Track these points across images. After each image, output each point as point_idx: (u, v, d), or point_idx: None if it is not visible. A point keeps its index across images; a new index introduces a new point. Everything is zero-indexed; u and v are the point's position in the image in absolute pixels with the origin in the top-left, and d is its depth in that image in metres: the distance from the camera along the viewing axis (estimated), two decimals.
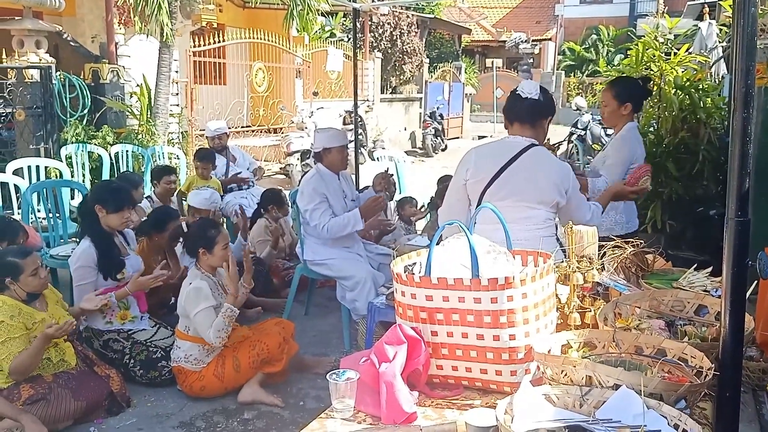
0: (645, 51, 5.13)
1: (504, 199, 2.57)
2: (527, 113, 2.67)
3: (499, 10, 29.90)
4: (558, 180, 2.63)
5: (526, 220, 2.58)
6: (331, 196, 4.29)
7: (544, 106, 2.68)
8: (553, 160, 2.72)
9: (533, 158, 2.62)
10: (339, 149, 4.34)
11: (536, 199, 2.62)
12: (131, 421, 3.32)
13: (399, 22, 15.99)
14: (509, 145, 2.67)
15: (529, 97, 2.63)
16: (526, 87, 2.66)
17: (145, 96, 8.05)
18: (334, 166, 4.36)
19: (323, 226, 4.22)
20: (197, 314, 3.39)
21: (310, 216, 4.28)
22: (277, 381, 3.67)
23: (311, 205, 4.25)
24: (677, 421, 1.33)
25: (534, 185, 2.61)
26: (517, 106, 2.67)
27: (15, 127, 7.05)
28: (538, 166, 2.62)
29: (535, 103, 2.64)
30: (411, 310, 1.77)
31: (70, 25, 9.44)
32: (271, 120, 12.09)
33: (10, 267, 3.11)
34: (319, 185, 4.27)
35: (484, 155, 2.70)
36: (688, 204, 4.84)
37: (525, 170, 2.60)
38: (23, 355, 3.03)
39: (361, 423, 1.65)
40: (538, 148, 2.67)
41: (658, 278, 2.20)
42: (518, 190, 2.59)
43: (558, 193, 2.62)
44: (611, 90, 3.53)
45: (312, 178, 4.35)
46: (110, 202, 3.77)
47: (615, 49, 24.88)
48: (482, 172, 2.64)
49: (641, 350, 1.67)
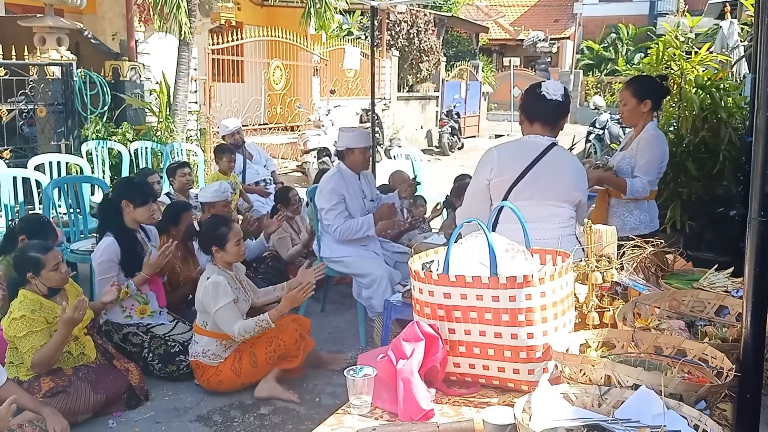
0: (665, 50, 5.08)
1: (530, 198, 2.57)
2: (552, 114, 2.68)
3: (517, 9, 29.73)
4: (579, 179, 2.69)
5: (551, 218, 2.60)
6: (349, 196, 4.30)
7: (565, 107, 2.69)
8: (573, 159, 2.76)
9: (556, 157, 2.65)
10: (362, 150, 4.33)
11: (561, 198, 2.65)
12: (149, 414, 3.36)
13: (416, 20, 15.96)
14: (533, 144, 2.67)
15: (555, 98, 2.62)
16: (551, 87, 2.64)
17: (164, 93, 8.11)
18: (355, 166, 4.37)
19: (336, 228, 4.25)
20: (219, 311, 3.41)
21: (325, 215, 4.30)
22: (293, 377, 3.68)
23: (328, 205, 4.27)
24: (697, 421, 1.32)
25: (558, 184, 2.64)
26: (542, 107, 2.66)
27: (36, 124, 7.13)
28: (561, 165, 2.65)
29: (559, 104, 2.65)
30: (429, 307, 1.77)
31: (91, 22, 9.53)
32: (288, 118, 12.13)
33: (31, 262, 3.15)
34: (339, 185, 4.28)
35: (507, 154, 2.69)
36: (708, 204, 4.79)
37: (549, 169, 2.61)
38: (46, 347, 3.08)
39: (378, 419, 1.66)
40: (560, 147, 2.70)
41: (678, 278, 2.19)
42: (543, 189, 2.61)
43: (580, 190, 2.68)
44: (630, 88, 3.51)
45: (332, 177, 4.36)
46: (137, 197, 3.81)
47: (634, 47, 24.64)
48: (507, 172, 2.63)
49: (661, 350, 1.65)
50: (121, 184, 4.09)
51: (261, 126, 11.71)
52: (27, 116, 6.98)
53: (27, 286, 3.18)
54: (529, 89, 2.76)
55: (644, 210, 3.51)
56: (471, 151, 15.92)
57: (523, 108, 2.74)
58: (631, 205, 3.46)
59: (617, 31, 26.08)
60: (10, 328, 3.08)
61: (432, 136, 16.39)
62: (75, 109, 7.25)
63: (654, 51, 5.19)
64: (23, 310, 3.08)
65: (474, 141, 17.68)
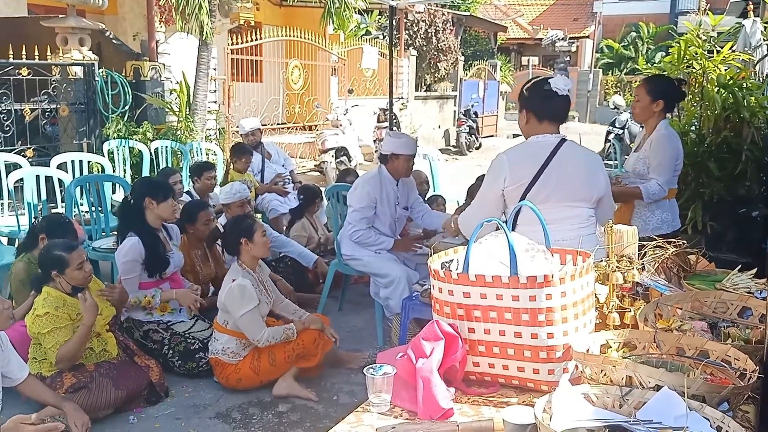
0: (687, 48, 5.02)
1: (545, 201, 2.48)
2: (563, 110, 2.58)
3: (536, 8, 29.57)
4: (594, 175, 2.59)
5: (570, 219, 2.51)
6: (381, 202, 4.29)
7: (569, 100, 2.61)
8: (585, 154, 2.65)
9: (567, 154, 2.55)
10: (407, 158, 4.30)
11: (575, 198, 2.56)
12: (169, 410, 3.40)
13: (434, 20, 15.94)
14: (541, 145, 2.57)
15: (564, 94, 2.53)
16: (559, 83, 2.53)
17: (184, 93, 8.18)
18: (397, 172, 4.34)
19: (355, 230, 4.26)
20: (243, 316, 3.44)
21: (351, 215, 4.31)
22: (312, 375, 3.70)
23: (357, 205, 4.28)
24: (720, 423, 1.31)
25: (570, 184, 2.54)
26: (553, 104, 2.55)
27: (59, 123, 7.23)
28: (571, 164, 2.55)
29: (567, 99, 2.56)
30: (448, 306, 1.78)
31: (113, 23, 9.65)
32: (307, 117, 12.18)
33: (56, 260, 3.20)
34: (374, 189, 4.27)
35: (518, 160, 2.59)
36: (729, 205, 4.73)
37: (560, 170, 2.52)
38: (71, 341, 3.13)
39: (397, 417, 1.66)
40: (570, 143, 2.59)
41: (700, 279, 2.17)
42: (557, 190, 2.52)
43: (596, 188, 2.58)
44: (645, 86, 3.51)
45: (371, 178, 4.34)
46: (159, 193, 3.85)
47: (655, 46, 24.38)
48: (520, 178, 2.54)
49: (683, 351, 1.64)
50: (141, 183, 4.14)
51: (279, 125, 11.76)
52: (50, 115, 7.07)
53: (51, 284, 3.22)
54: (533, 86, 2.59)
55: (665, 209, 3.48)
56: (489, 151, 15.86)
57: (529, 106, 2.59)
58: (653, 205, 3.44)
59: (637, 29, 25.83)
60: (34, 325, 3.13)
61: (449, 136, 16.35)
62: (97, 109, 7.34)
63: (675, 50, 5.14)
64: (47, 307, 3.13)
65: (492, 140, 17.62)
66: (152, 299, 3.74)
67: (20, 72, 6.44)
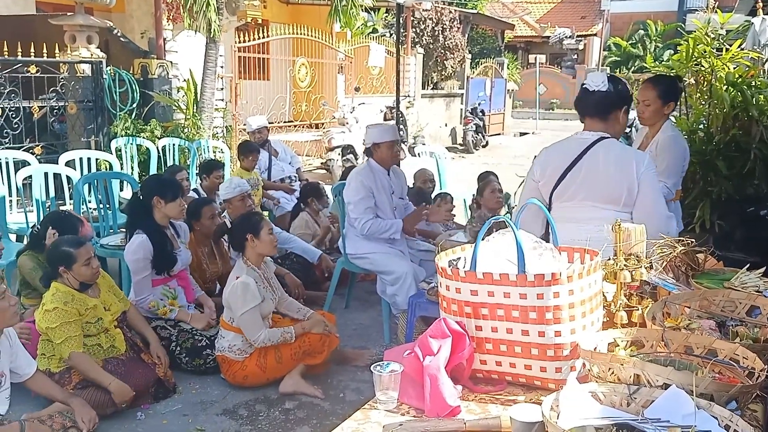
0: (695, 46, 5.00)
1: (571, 199, 2.46)
2: (595, 107, 2.56)
3: (543, 5, 29.50)
4: (626, 176, 2.45)
5: (595, 220, 2.38)
6: (377, 191, 4.31)
7: (615, 97, 2.53)
8: (622, 154, 2.53)
9: (601, 153, 2.48)
10: (389, 144, 4.34)
11: (600, 199, 2.48)
12: (177, 407, 3.41)
13: (441, 18, 15.91)
14: (577, 141, 2.55)
15: (597, 90, 2.50)
16: (592, 79, 2.52)
17: (191, 91, 8.20)
18: (384, 161, 4.38)
19: (365, 222, 4.25)
20: (244, 315, 3.46)
21: (353, 209, 4.31)
22: (318, 372, 3.71)
23: (356, 198, 4.28)
24: (728, 422, 1.30)
25: (596, 184, 2.47)
26: (585, 100, 2.55)
27: (67, 120, 7.26)
28: (602, 163, 2.47)
29: (605, 95, 2.51)
30: (455, 304, 1.77)
31: (120, 20, 9.67)
32: (313, 115, 12.18)
33: (64, 256, 3.22)
34: (367, 178, 4.30)
35: (553, 154, 2.58)
36: (738, 203, 4.71)
37: (589, 168, 2.46)
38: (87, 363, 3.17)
39: (404, 415, 1.66)
40: (608, 142, 2.52)
41: (708, 278, 2.16)
42: (582, 189, 2.47)
43: (627, 190, 2.45)
44: (656, 88, 3.35)
45: (362, 170, 4.38)
46: (167, 192, 3.87)
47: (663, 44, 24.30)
48: (550, 173, 2.54)
49: (691, 350, 1.64)
50: (150, 181, 4.15)
51: (286, 123, 11.78)
52: (58, 113, 7.11)
53: (59, 279, 3.24)
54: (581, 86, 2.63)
55: (671, 211, 3.43)
56: (495, 149, 15.85)
57: (574, 104, 2.64)
58: None
59: (645, 27, 25.73)
60: (43, 320, 3.15)
61: (456, 134, 16.33)
62: (104, 106, 7.36)
63: (684, 48, 5.11)
64: (56, 302, 3.15)
65: (499, 139, 17.60)
66: (169, 312, 3.79)
67: (29, 70, 6.47)
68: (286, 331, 3.55)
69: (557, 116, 24.30)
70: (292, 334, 3.55)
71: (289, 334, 3.54)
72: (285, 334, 3.54)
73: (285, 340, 3.53)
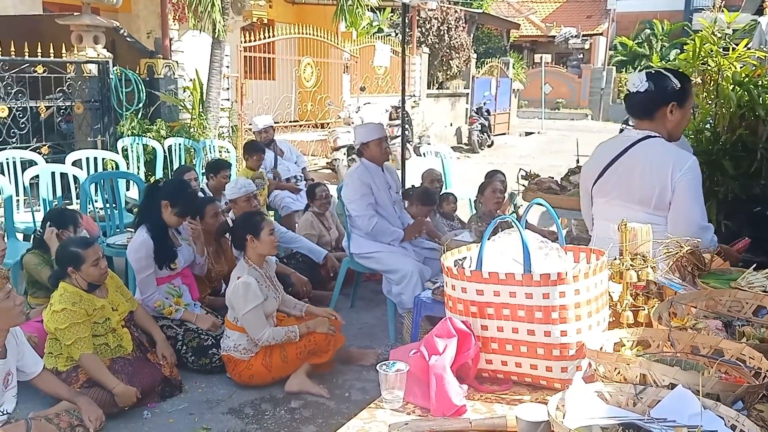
0: (702, 46, 4.98)
1: (605, 196, 2.46)
2: (639, 108, 2.51)
3: (549, 5, 29.43)
4: (660, 177, 2.38)
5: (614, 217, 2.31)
6: (375, 187, 4.35)
7: (657, 96, 2.46)
8: (662, 153, 2.44)
9: (641, 152, 2.44)
10: (377, 142, 4.40)
11: (631, 198, 2.43)
12: (183, 405, 3.42)
13: (447, 17, 15.90)
14: (622, 139, 2.53)
15: (638, 91, 2.46)
16: (632, 80, 2.48)
17: (197, 90, 8.22)
18: (375, 158, 4.44)
19: (369, 218, 4.27)
20: (246, 314, 3.47)
21: (355, 207, 4.33)
22: (323, 372, 3.72)
23: (355, 196, 4.31)
24: (735, 422, 1.30)
25: (631, 182, 2.43)
26: (629, 102, 2.52)
27: (74, 120, 7.29)
28: (642, 161, 2.42)
29: (645, 95, 2.45)
30: (461, 303, 1.78)
31: (126, 21, 9.69)
32: (319, 115, 12.20)
33: (72, 256, 3.23)
34: (364, 176, 4.34)
35: (598, 151, 2.59)
36: (744, 203, 4.69)
37: (627, 166, 2.43)
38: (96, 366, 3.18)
39: (410, 414, 1.67)
40: (652, 141, 2.45)
41: (715, 278, 2.15)
42: (617, 188, 2.45)
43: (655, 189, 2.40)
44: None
45: (357, 169, 4.44)
46: (180, 207, 3.89)
47: (669, 44, 24.22)
48: (594, 169, 2.55)
49: (697, 350, 1.63)
50: (173, 185, 4.12)
51: (291, 123, 11.79)
52: (65, 113, 7.13)
53: (67, 280, 3.26)
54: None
55: None
56: (501, 149, 15.82)
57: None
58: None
59: (652, 26, 25.67)
60: (51, 321, 3.16)
61: (462, 134, 16.32)
62: (111, 106, 7.39)
63: (690, 47, 5.09)
64: (64, 302, 3.16)
65: (504, 138, 17.57)
66: (174, 312, 3.80)
67: (36, 70, 6.49)
68: (291, 330, 3.56)
69: (563, 116, 24.25)
70: (296, 333, 3.55)
71: (293, 333, 3.55)
72: (289, 333, 3.54)
73: (289, 338, 3.54)
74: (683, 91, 2.48)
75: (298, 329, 3.57)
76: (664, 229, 2.37)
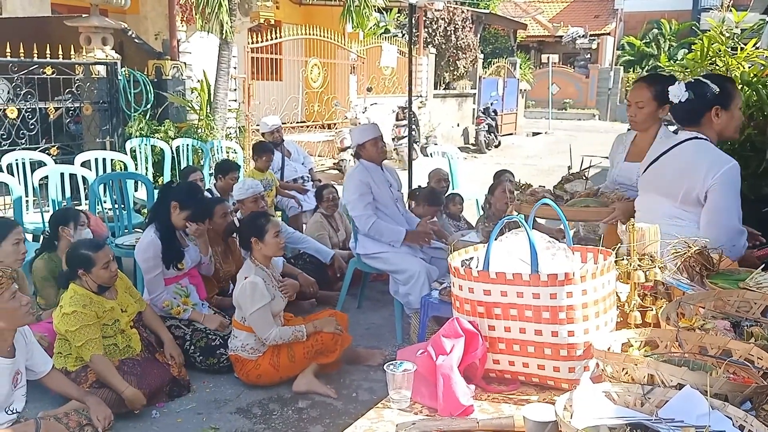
0: (710, 45, 4.96)
1: (644, 189, 2.58)
2: (682, 117, 2.59)
3: (556, 5, 29.37)
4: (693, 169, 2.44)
5: (653, 212, 2.44)
6: (375, 185, 4.36)
7: (699, 103, 2.51)
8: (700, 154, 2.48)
9: (682, 151, 2.51)
10: (372, 142, 4.43)
11: (663, 191, 2.54)
12: (191, 405, 3.44)
13: (453, 18, 15.88)
14: (673, 139, 2.63)
15: (680, 101, 2.52)
16: (673, 93, 2.53)
17: (204, 91, 8.25)
18: (373, 158, 4.47)
19: (366, 219, 4.28)
20: (253, 314, 3.48)
21: (353, 207, 4.34)
22: (331, 371, 3.73)
23: (353, 196, 4.32)
24: (743, 422, 1.30)
25: (665, 176, 2.53)
26: (674, 113, 2.62)
27: (82, 121, 7.33)
28: (679, 158, 2.50)
29: (687, 104, 2.51)
30: (468, 304, 1.78)
31: (134, 22, 9.74)
32: (326, 116, 12.21)
33: (83, 259, 3.25)
34: (363, 175, 4.36)
35: (651, 149, 2.73)
36: (753, 204, 4.66)
37: (666, 162, 2.55)
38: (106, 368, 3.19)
39: (417, 414, 1.67)
40: (696, 141, 2.51)
41: (723, 278, 2.14)
42: (654, 182, 2.57)
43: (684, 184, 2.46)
44: (651, 89, 3.01)
45: (356, 170, 4.47)
46: (189, 211, 3.93)
47: (677, 43, 24.12)
48: (644, 165, 2.68)
49: (705, 350, 1.63)
50: (186, 189, 4.14)
51: (298, 124, 11.81)
52: (73, 114, 7.17)
53: (77, 282, 3.27)
54: None
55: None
56: (508, 149, 15.80)
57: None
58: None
59: (659, 26, 25.57)
60: (61, 323, 3.17)
61: (468, 134, 16.30)
62: (119, 107, 7.42)
63: (698, 47, 5.08)
64: (75, 305, 3.18)
65: (511, 138, 17.54)
66: (182, 312, 3.82)
67: (44, 71, 6.53)
68: (298, 329, 3.57)
69: (570, 116, 24.19)
70: (303, 333, 3.56)
71: (300, 333, 3.56)
72: (296, 333, 3.55)
73: (296, 338, 3.55)
74: (725, 94, 2.54)
75: (305, 329, 3.58)
76: (687, 223, 2.45)
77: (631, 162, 3.11)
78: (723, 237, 2.34)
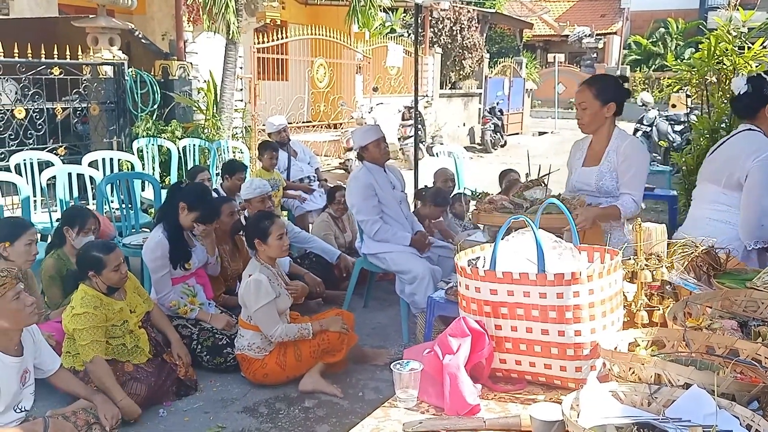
0: (717, 45, 4.95)
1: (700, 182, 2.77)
2: (740, 109, 2.79)
3: (562, 4, 29.31)
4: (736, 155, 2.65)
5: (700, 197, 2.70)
6: (379, 187, 4.36)
7: (756, 98, 2.69)
8: (748, 142, 2.69)
9: (733, 140, 2.71)
10: (375, 143, 4.42)
11: (710, 177, 2.72)
12: (198, 404, 3.45)
13: (459, 17, 15.88)
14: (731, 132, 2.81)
15: (740, 93, 2.68)
16: (734, 84, 2.72)
17: (211, 92, 8.26)
18: (376, 159, 4.45)
19: (372, 224, 4.29)
20: (258, 310, 3.49)
21: (358, 211, 4.35)
22: (337, 371, 3.73)
23: (359, 200, 4.33)
24: (750, 421, 1.30)
25: (713, 163, 2.72)
26: (734, 105, 2.80)
27: (90, 122, 7.35)
28: (729, 147, 2.70)
29: (745, 97, 2.69)
30: (475, 303, 1.78)
31: (141, 23, 9.77)
32: (332, 115, 12.22)
33: (94, 261, 3.26)
34: (367, 177, 4.36)
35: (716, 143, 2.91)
36: None
37: (718, 152, 2.73)
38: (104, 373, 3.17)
39: (424, 413, 1.67)
40: (746, 132, 2.71)
41: (731, 278, 2.14)
42: (705, 169, 2.74)
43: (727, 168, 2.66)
44: (590, 89, 3.01)
45: (359, 172, 4.46)
46: (197, 213, 3.94)
47: (684, 42, 24.04)
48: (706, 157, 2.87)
49: (712, 350, 1.63)
50: (195, 191, 4.13)
51: (304, 124, 11.83)
52: (81, 114, 7.19)
53: (87, 282, 3.29)
54: None
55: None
56: (514, 149, 15.77)
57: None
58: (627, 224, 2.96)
59: (666, 25, 25.47)
60: (71, 322, 3.19)
61: (474, 134, 16.29)
62: (126, 108, 7.45)
63: (705, 46, 5.07)
64: (86, 306, 3.19)
65: (517, 138, 17.51)
66: (189, 311, 3.83)
67: (52, 71, 6.55)
68: (304, 327, 3.57)
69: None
70: (309, 330, 3.56)
71: (306, 330, 3.56)
72: (302, 330, 3.55)
73: (302, 335, 3.55)
74: None
75: (311, 326, 3.58)
76: (727, 208, 2.64)
77: (589, 167, 3.07)
78: (754, 217, 2.53)
